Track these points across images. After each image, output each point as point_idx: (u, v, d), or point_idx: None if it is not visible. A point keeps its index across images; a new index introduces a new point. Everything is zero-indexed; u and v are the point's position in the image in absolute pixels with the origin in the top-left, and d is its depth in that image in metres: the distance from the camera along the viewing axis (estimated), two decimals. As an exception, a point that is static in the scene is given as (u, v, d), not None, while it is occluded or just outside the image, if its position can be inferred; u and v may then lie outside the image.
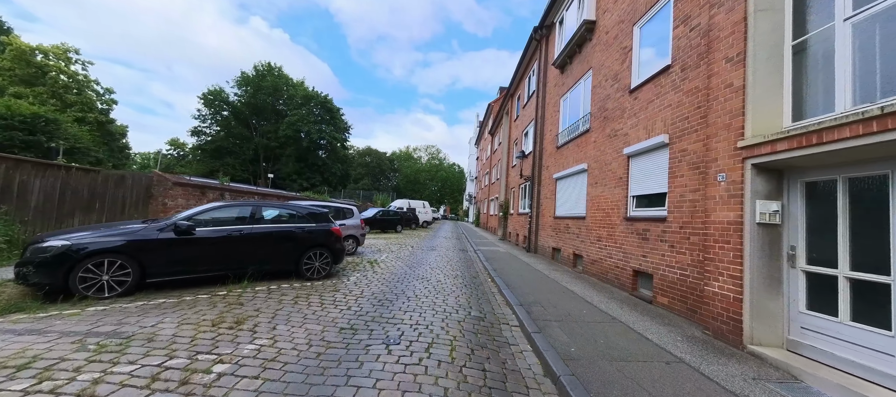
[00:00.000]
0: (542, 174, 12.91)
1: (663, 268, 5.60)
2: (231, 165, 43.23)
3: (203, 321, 3.90)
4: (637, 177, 6.72)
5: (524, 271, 8.55)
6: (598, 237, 7.98)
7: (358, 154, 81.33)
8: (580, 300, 5.90)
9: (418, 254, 11.39)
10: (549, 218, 11.60)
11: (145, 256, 4.72)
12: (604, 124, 8.19)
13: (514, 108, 20.80)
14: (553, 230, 11.11)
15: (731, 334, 3.96)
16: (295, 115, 41.83)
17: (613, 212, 7.38)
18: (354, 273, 7.34)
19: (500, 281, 7.24)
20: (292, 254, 6.14)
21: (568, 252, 9.65)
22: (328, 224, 6.70)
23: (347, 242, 9.81)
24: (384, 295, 5.67)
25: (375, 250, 11.59)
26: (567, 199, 10.30)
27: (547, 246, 11.62)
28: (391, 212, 22.07)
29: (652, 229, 6.00)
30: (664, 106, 5.93)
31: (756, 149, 3.84)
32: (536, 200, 13.21)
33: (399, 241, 15.54)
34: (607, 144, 7.93)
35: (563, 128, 11.14)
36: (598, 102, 8.57)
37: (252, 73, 43.63)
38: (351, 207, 10.20)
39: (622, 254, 6.87)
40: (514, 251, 13.33)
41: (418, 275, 7.63)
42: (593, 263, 8.05)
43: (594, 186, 8.42)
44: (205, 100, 41.54)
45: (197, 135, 42.70)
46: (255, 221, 5.81)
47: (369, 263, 8.69)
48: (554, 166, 11.59)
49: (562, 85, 11.51)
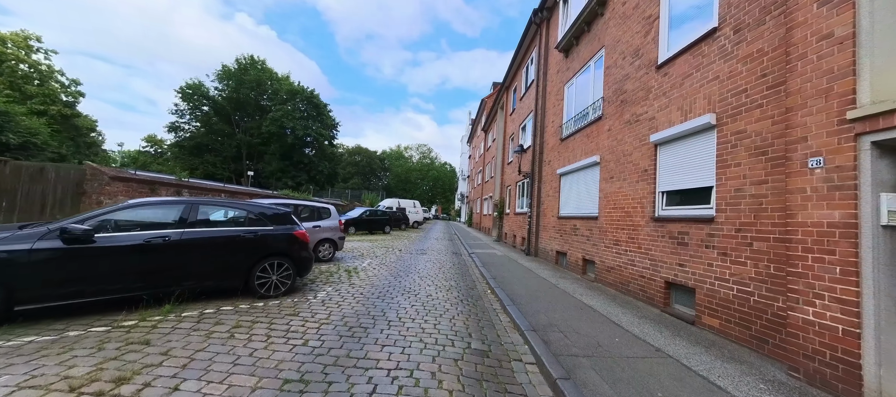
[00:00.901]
0: (544, 170, 11.76)
1: (710, 281, 4.46)
2: (211, 163, 41.14)
3: (58, 381, 2.54)
4: (669, 168, 5.58)
5: (528, 279, 7.35)
6: (614, 240, 6.83)
7: (348, 153, 79.49)
8: (605, 321, 4.71)
9: (406, 258, 10.11)
10: (552, 218, 10.45)
11: (12, 274, 3.35)
12: (621, 109, 7.05)
13: (509, 102, 19.66)
14: (557, 231, 9.96)
15: (842, 382, 2.81)
16: (279, 111, 39.92)
17: (636, 212, 6.23)
18: (326, 286, 6.03)
19: (503, 293, 6.02)
20: (240, 265, 4.80)
21: (576, 256, 8.50)
22: (290, 226, 5.38)
23: (323, 247, 8.48)
24: (358, 318, 4.39)
25: (357, 255, 10.26)
26: (574, 197, 9.15)
27: (549, 249, 10.47)
28: (379, 212, 20.70)
29: (692, 232, 4.85)
30: (708, 79, 4.79)
31: (879, 122, 2.70)
32: (537, 198, 12.06)
33: (386, 244, 14.22)
34: (626, 132, 6.78)
35: (569, 117, 10.00)
36: (614, 85, 7.43)
37: (234, 67, 41.55)
38: (328, 206, 8.87)
39: (649, 261, 5.73)
40: (512, 254, 12.16)
41: (405, 286, 6.36)
42: (610, 271, 6.90)
43: (609, 181, 7.27)
44: (182, 95, 39.33)
45: (174, 131, 40.45)
46: (188, 224, 4.46)
47: (347, 272, 7.37)
48: (557, 160, 10.44)
49: (566, 70, 10.36)
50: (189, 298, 4.61)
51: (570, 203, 9.42)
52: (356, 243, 13.73)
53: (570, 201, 9.37)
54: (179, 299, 4.46)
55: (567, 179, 9.70)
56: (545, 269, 8.91)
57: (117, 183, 7.68)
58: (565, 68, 10.47)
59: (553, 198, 10.57)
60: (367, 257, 9.88)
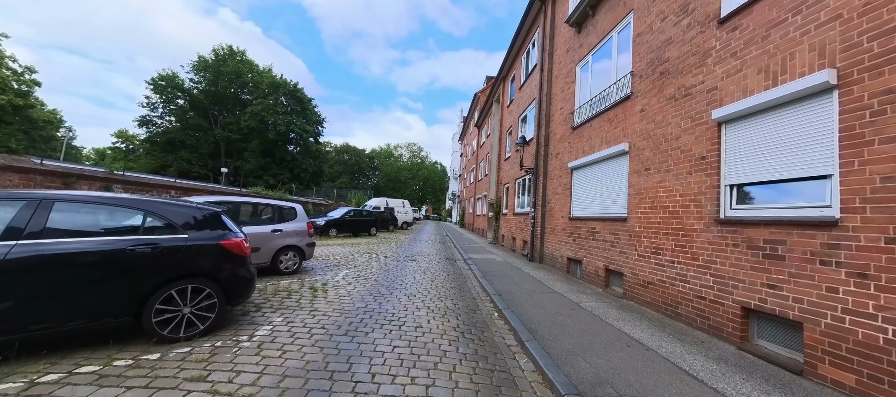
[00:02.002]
0: (550, 164, 10.31)
1: (834, 314, 3.02)
2: (186, 160, 38.64)
3: None
4: (742, 153, 4.14)
5: (542, 296, 5.85)
6: (654, 248, 5.39)
7: (335, 151, 77.16)
8: (670, 368, 3.23)
9: (392, 267, 8.50)
10: (562, 218, 9.00)
11: None
12: (661, 83, 5.61)
13: (506, 92, 18.20)
14: (568, 235, 8.51)
15: None
16: (259, 105, 37.61)
17: (688, 212, 4.79)
18: (275, 315, 4.39)
19: (516, 319, 4.51)
20: (126, 295, 3.14)
21: (595, 266, 7.04)
22: (218, 233, 3.72)
23: (285, 257, 6.80)
24: (307, 380, 2.79)
25: (332, 265, 8.60)
26: (592, 194, 7.70)
27: (558, 255, 9.02)
28: (365, 213, 18.98)
29: (793, 241, 3.41)
30: (819, 22, 3.36)
31: None
32: (541, 197, 10.61)
33: (370, 248, 12.57)
34: (669, 111, 5.35)
35: (582, 102, 8.56)
36: (648, 55, 6.00)
37: (211, 58, 39.06)
38: (293, 206, 7.19)
39: (712, 278, 4.29)
40: (514, 260, 10.67)
41: (386, 312, 4.77)
42: (647, 287, 5.45)
43: (643, 174, 5.83)
44: (154, 86, 36.67)
45: (145, 126, 37.74)
46: (26, 234, 2.78)
47: (312, 290, 5.72)
48: (568, 152, 9.00)
49: (579, 48, 8.92)
50: (41, 348, 2.93)
51: (585, 201, 7.97)
52: (335, 248, 12.03)
53: (587, 199, 7.92)
54: (23, 353, 2.79)
55: (582, 174, 8.24)
56: (557, 280, 7.43)
57: (10, 174, 5.85)
58: (577, 46, 9.03)
59: (563, 196, 9.12)
60: (344, 267, 8.22)
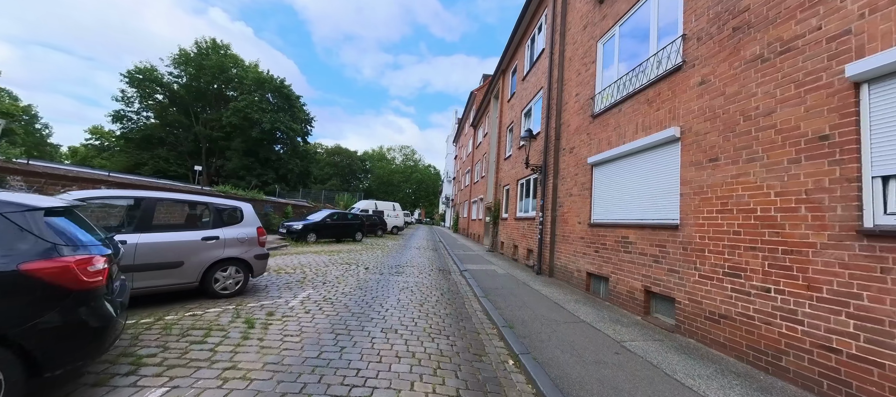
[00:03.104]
0: (562, 161, 8.79)
1: None
2: (164, 158, 36.40)
3: None
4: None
5: (568, 330, 4.26)
6: (729, 267, 3.85)
7: (326, 153, 75.03)
8: None
9: (372, 284, 6.84)
10: (578, 224, 7.47)
11: None
12: (736, 42, 4.11)
13: (506, 86, 16.73)
14: (588, 244, 6.97)
15: None
16: (243, 101, 35.59)
17: (794, 217, 3.27)
18: (153, 387, 2.71)
19: (545, 379, 2.91)
20: None
21: (629, 285, 5.49)
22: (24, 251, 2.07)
23: (223, 274, 5.08)
24: None
25: (294, 281, 6.89)
26: (622, 194, 6.18)
27: (573, 268, 7.47)
28: (350, 216, 17.22)
29: None
30: None
31: None
32: (551, 199, 9.07)
33: (351, 257, 10.88)
34: (752, 77, 3.84)
35: (606, 84, 7.07)
36: (714, 6, 4.51)
37: (193, 51, 36.99)
38: (237, 206, 5.47)
39: (853, 321, 2.75)
40: (517, 272, 9.09)
41: (346, 370, 3.13)
42: (716, 321, 3.91)
43: (706, 166, 4.32)
44: (130, 79, 34.43)
45: (119, 121, 35.41)
46: None
47: (247, 326, 4.01)
48: (587, 145, 7.48)
49: (601, 20, 7.45)
50: None
51: (612, 203, 6.44)
52: (309, 257, 10.29)
53: (614, 201, 6.39)
54: None
55: (607, 170, 6.72)
56: (578, 302, 5.85)
57: None
58: (599, 18, 7.55)
59: (579, 198, 7.59)
60: (309, 284, 6.52)
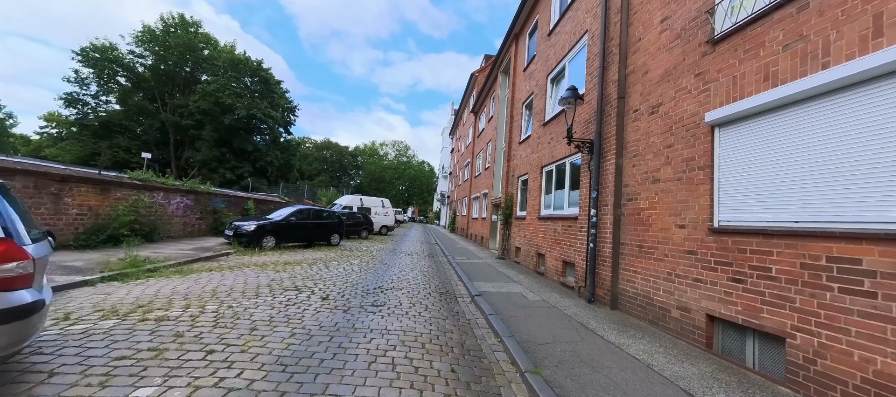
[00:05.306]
0: (630, 129, 5.67)
1: None
2: (124, 148, 32.33)
3: None
4: None
5: None
6: None
7: (315, 147, 71.10)
8: None
9: (318, 342, 3.62)
10: (680, 229, 4.37)
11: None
12: None
13: (520, 53, 13.57)
14: (707, 264, 3.86)
15: None
16: (213, 84, 31.73)
17: None
18: None
19: None
20: None
21: (848, 359, 2.37)
22: None
23: None
24: None
25: (116, 353, 3.62)
26: (807, 174, 3.04)
27: (666, 301, 4.38)
28: (324, 214, 13.87)
29: None
30: None
31: None
32: (612, 189, 5.95)
33: (307, 275, 7.60)
34: None
35: (750, -24, 3.92)
36: None
37: (158, 28, 32.97)
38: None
39: None
40: (555, 297, 5.95)
41: None
42: None
43: None
44: (85, 58, 30.34)
45: (73, 106, 31.28)
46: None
47: None
48: (697, 94, 4.37)
49: None
50: None
51: (777, 192, 3.31)
52: (242, 274, 6.96)
53: (783, 188, 3.26)
54: None
55: (759, 130, 3.59)
56: (720, 384, 2.72)
57: None
58: None
59: (683, 186, 4.49)
60: (154, 359, 3.28)
